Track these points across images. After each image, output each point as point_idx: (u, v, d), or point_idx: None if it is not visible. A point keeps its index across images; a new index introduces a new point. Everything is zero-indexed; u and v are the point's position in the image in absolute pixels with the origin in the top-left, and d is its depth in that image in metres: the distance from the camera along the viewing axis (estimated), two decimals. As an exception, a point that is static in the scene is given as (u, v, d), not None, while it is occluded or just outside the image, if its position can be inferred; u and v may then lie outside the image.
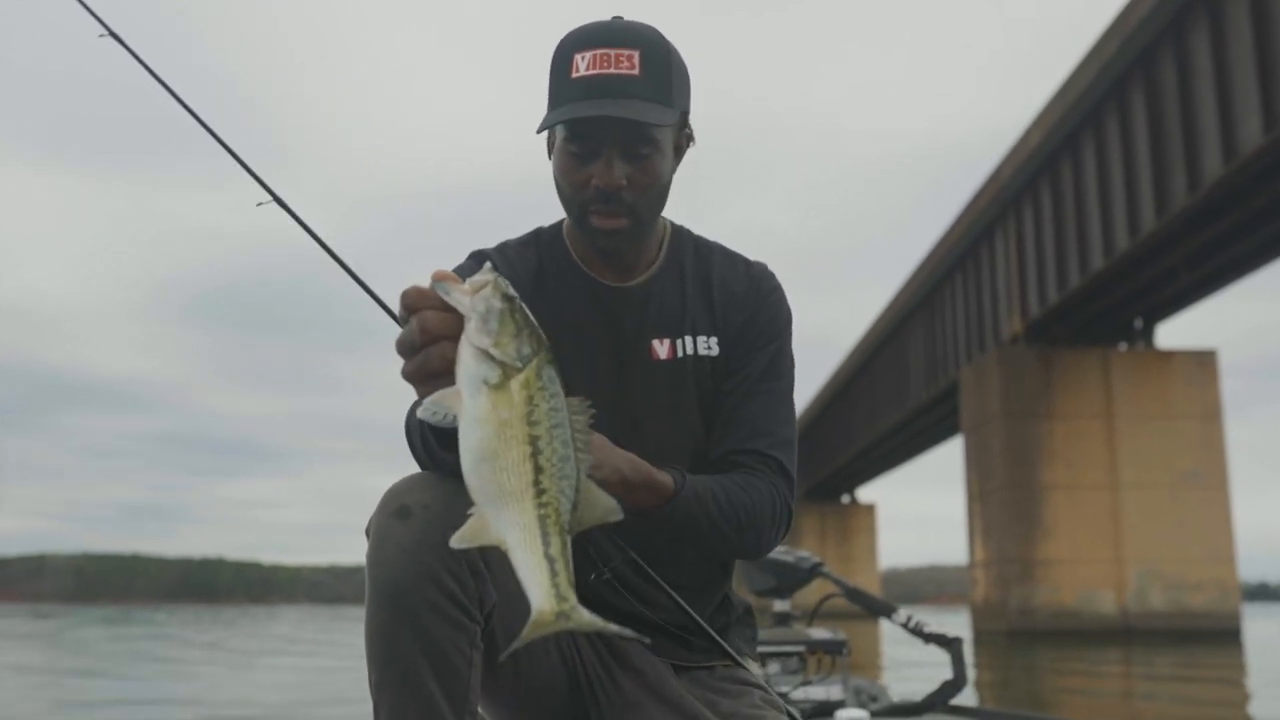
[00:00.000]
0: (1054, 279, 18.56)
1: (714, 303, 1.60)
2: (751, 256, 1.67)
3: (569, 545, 0.99)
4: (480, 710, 1.42)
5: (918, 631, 3.15)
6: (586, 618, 0.97)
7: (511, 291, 1.02)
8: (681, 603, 1.52)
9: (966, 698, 3.28)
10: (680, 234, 1.65)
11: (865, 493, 54.23)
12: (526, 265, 1.59)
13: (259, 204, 1.43)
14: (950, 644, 3.11)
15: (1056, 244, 18.49)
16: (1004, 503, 19.81)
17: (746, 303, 1.60)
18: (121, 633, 21.65)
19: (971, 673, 10.13)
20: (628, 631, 1.02)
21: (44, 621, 30.41)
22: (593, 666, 1.53)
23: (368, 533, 1.32)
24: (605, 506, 1.03)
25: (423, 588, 1.26)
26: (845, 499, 51.49)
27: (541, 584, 0.97)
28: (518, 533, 0.97)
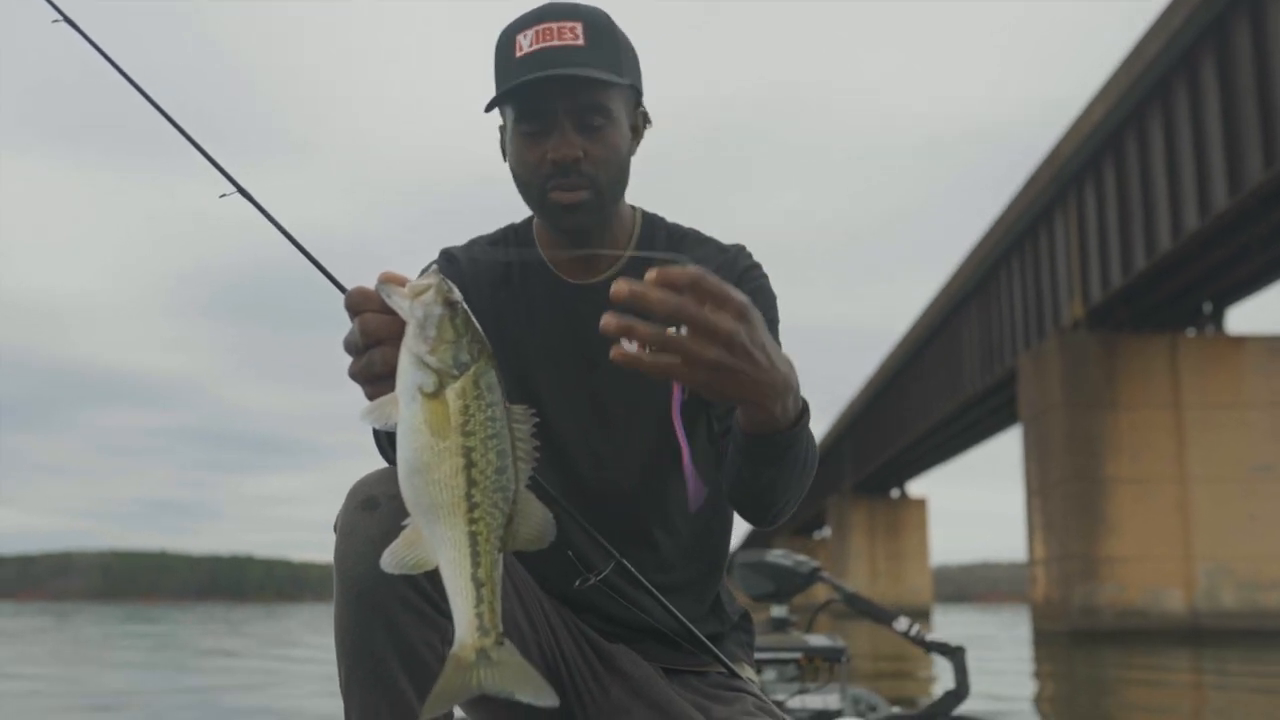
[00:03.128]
0: (1118, 261, 17.80)
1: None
2: (786, 241, 1.40)
3: (500, 565, 0.95)
4: (461, 709, 1.39)
5: (919, 640, 2.98)
6: (504, 673, 0.93)
7: (455, 296, 0.99)
8: (667, 604, 1.50)
9: (974, 705, 3.07)
10: (652, 223, 1.61)
11: (915, 487, 53.09)
12: (493, 263, 1.59)
13: (222, 195, 1.38)
14: (953, 653, 2.92)
15: (1120, 224, 17.72)
16: (1065, 497, 19.08)
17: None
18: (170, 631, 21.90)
19: (1031, 668, 9.82)
20: (548, 694, 0.94)
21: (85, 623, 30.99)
22: (578, 668, 1.50)
23: (336, 527, 1.31)
24: (541, 522, 0.98)
25: (392, 582, 1.23)
26: (895, 493, 49.42)
27: (465, 612, 0.93)
28: (448, 550, 0.94)
